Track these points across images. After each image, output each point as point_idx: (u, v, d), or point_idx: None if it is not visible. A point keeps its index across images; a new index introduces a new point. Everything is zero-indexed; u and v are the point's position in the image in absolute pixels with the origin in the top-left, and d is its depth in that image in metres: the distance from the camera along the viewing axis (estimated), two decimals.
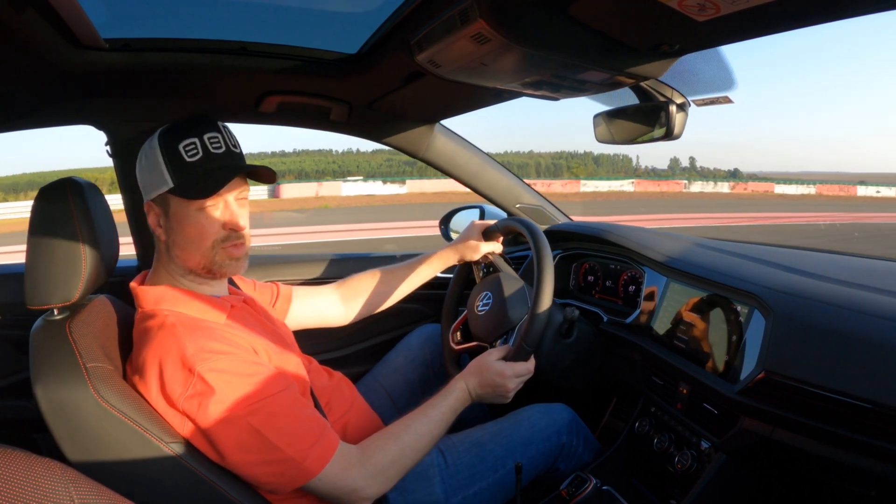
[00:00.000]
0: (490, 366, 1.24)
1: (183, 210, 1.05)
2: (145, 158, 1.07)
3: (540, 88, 1.25)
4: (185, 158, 1.03)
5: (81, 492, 0.51)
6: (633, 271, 1.64)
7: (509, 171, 2.07)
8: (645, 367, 1.43)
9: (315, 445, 1.00)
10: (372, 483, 1.05)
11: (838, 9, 0.76)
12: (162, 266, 1.12)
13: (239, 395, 0.95)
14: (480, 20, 0.90)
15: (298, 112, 1.65)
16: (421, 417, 1.15)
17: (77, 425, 0.91)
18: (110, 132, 1.53)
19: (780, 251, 1.46)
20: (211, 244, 1.07)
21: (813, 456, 1.00)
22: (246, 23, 1.29)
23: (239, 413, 0.94)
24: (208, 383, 0.94)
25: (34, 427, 0.95)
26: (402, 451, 1.09)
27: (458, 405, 1.20)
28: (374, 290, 1.56)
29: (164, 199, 1.06)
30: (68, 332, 0.97)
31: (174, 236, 1.07)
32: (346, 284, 1.56)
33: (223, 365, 0.96)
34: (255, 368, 1.00)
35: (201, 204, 1.05)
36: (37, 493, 0.47)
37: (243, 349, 1.02)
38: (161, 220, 1.08)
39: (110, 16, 1.14)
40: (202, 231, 1.06)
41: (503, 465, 1.28)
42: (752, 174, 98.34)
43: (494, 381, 1.22)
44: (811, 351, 0.99)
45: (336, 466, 1.01)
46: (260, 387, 0.98)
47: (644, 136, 1.37)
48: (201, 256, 1.07)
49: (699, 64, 1.12)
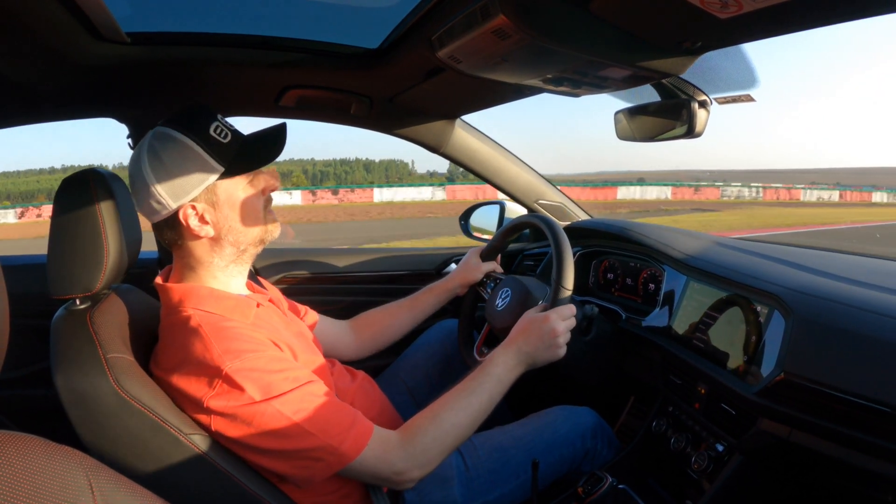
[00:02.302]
0: (531, 318, 1.20)
1: (233, 191, 1.07)
2: (171, 158, 1.01)
3: (561, 84, 1.25)
4: (222, 141, 1.04)
5: (99, 481, 0.51)
6: (652, 269, 1.63)
7: (531, 168, 2.07)
8: (663, 366, 1.42)
9: (351, 429, 0.99)
10: (414, 464, 1.03)
11: (860, 8, 0.75)
12: (192, 263, 1.10)
13: (268, 390, 0.94)
14: (502, 16, 0.90)
15: (319, 106, 1.66)
16: (462, 393, 1.11)
17: (96, 415, 0.92)
18: (132, 125, 1.55)
19: (801, 251, 1.44)
20: (262, 212, 1.11)
21: (830, 459, 0.98)
22: (267, 17, 1.30)
23: (269, 406, 0.94)
24: (236, 382, 0.93)
25: (55, 416, 0.97)
26: (443, 429, 1.06)
27: (504, 374, 1.15)
28: (383, 328, 1.56)
29: (210, 189, 1.04)
30: (89, 322, 0.98)
31: (229, 223, 1.07)
32: (359, 321, 1.57)
33: (251, 364, 0.95)
34: (282, 365, 1.00)
35: (248, 177, 1.08)
36: (55, 480, 0.47)
37: (270, 347, 1.02)
38: (209, 214, 1.05)
39: (132, 9, 1.17)
40: (254, 203, 1.09)
41: (525, 470, 1.26)
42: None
43: (541, 329, 1.18)
44: (831, 353, 0.98)
45: (375, 450, 1.00)
46: (289, 380, 0.98)
47: (665, 133, 1.36)
48: (258, 228, 1.10)
49: (721, 61, 1.10)
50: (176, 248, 1.10)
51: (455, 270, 1.63)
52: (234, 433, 0.95)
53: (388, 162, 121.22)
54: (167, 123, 1.03)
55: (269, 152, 1.08)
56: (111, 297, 1.09)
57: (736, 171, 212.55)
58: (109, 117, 1.54)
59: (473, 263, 1.62)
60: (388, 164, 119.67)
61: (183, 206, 1.04)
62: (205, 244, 1.08)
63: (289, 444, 0.95)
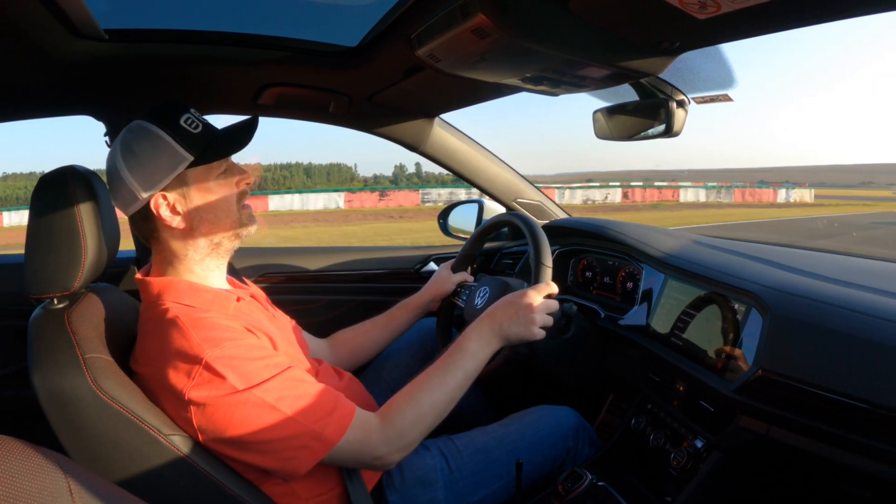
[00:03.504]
0: (509, 295, 1.22)
1: (204, 180, 1.06)
2: (143, 149, 1.02)
3: (539, 84, 1.25)
4: (192, 132, 1.04)
5: (78, 482, 0.51)
6: (631, 268, 1.64)
7: (510, 167, 2.07)
8: (642, 363, 1.43)
9: (333, 413, 0.99)
10: (394, 448, 1.04)
11: (838, 9, 0.76)
12: (169, 258, 1.10)
13: (248, 378, 0.94)
14: (481, 14, 0.90)
15: (297, 104, 1.65)
16: (438, 372, 1.12)
17: (75, 416, 0.90)
18: (110, 122, 1.53)
19: (779, 250, 1.46)
20: (235, 205, 1.10)
21: (809, 455, 1.00)
22: (246, 14, 1.29)
23: (251, 394, 0.93)
24: (216, 370, 0.92)
25: (33, 417, 0.95)
26: (421, 410, 1.07)
27: (477, 349, 1.15)
28: (358, 346, 1.55)
29: (181, 179, 1.04)
30: (67, 322, 0.97)
31: (200, 212, 1.07)
32: (335, 340, 1.56)
33: (230, 352, 0.94)
34: (261, 352, 0.99)
35: (220, 168, 1.08)
36: (34, 482, 0.47)
37: (248, 335, 1.01)
38: (180, 205, 1.05)
39: (110, 6, 1.15)
40: (226, 195, 1.09)
41: (508, 472, 1.26)
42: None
43: (516, 302, 1.18)
44: (808, 350, 0.99)
45: (356, 433, 1.00)
46: (269, 367, 0.97)
47: (643, 132, 1.37)
48: (231, 220, 1.10)
49: (699, 61, 1.12)
50: (153, 243, 1.10)
51: (426, 285, 1.63)
52: (217, 427, 0.93)
53: (331, 166, 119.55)
54: (141, 118, 1.04)
55: (238, 143, 1.08)
56: (89, 297, 1.07)
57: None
58: (86, 115, 1.52)
59: (444, 276, 1.62)
60: (331, 167, 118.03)
61: (154, 197, 1.03)
62: (179, 237, 1.08)
63: (273, 433, 0.94)
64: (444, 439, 1.29)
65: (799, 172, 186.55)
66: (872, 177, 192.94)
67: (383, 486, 1.19)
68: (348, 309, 2.01)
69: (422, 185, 43.16)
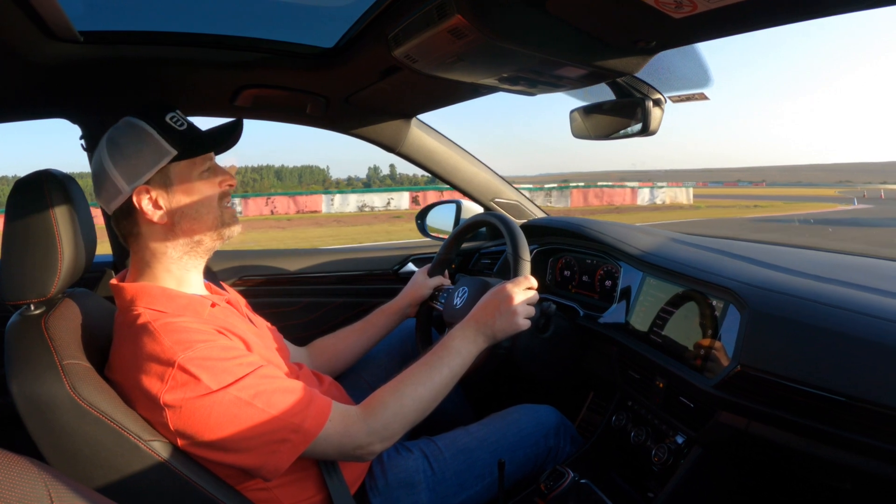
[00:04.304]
0: (487, 295, 1.23)
1: (187, 176, 1.07)
2: (128, 142, 1.03)
3: (516, 84, 1.25)
4: (176, 128, 1.05)
5: (59, 491, 0.51)
6: (609, 266, 1.65)
7: (488, 167, 2.07)
8: (621, 361, 1.44)
9: (310, 406, 0.99)
10: (376, 437, 1.04)
11: (813, 8, 0.77)
12: (147, 258, 1.09)
13: (222, 377, 0.93)
14: (458, 15, 0.90)
15: (275, 106, 1.64)
16: (422, 368, 1.13)
17: (54, 423, 0.89)
18: (85, 125, 1.51)
19: (756, 247, 1.48)
20: (217, 203, 1.11)
21: (788, 449, 1.01)
22: (223, 16, 1.28)
23: (226, 393, 0.93)
24: (190, 372, 0.91)
25: (12, 425, 0.93)
26: (403, 402, 1.08)
27: (462, 346, 1.17)
28: (337, 353, 1.55)
29: (164, 174, 1.05)
30: (44, 327, 0.95)
31: (182, 208, 1.07)
32: (314, 348, 1.55)
33: (202, 353, 0.94)
34: (233, 353, 0.99)
35: (203, 166, 1.08)
36: (13, 491, 0.46)
37: (219, 336, 1.00)
38: (162, 200, 1.05)
39: (85, 8, 1.14)
40: (208, 193, 1.09)
41: (491, 472, 1.27)
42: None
43: (497, 298, 1.21)
44: (786, 345, 1.01)
45: (337, 424, 1.01)
46: (243, 366, 0.97)
47: (620, 131, 1.38)
48: (213, 218, 1.10)
49: (675, 60, 1.12)
50: (132, 242, 1.09)
51: (403, 290, 1.62)
52: (194, 429, 0.93)
53: (303, 168, 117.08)
54: (128, 115, 1.06)
55: (223, 142, 1.10)
56: (66, 302, 1.06)
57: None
58: (62, 118, 1.50)
59: (420, 281, 1.62)
60: (303, 170, 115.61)
61: (137, 190, 1.03)
62: (159, 233, 1.07)
63: (252, 429, 0.94)
64: (425, 440, 1.29)
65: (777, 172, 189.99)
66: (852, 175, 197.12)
67: (366, 489, 1.18)
68: (327, 311, 1.99)
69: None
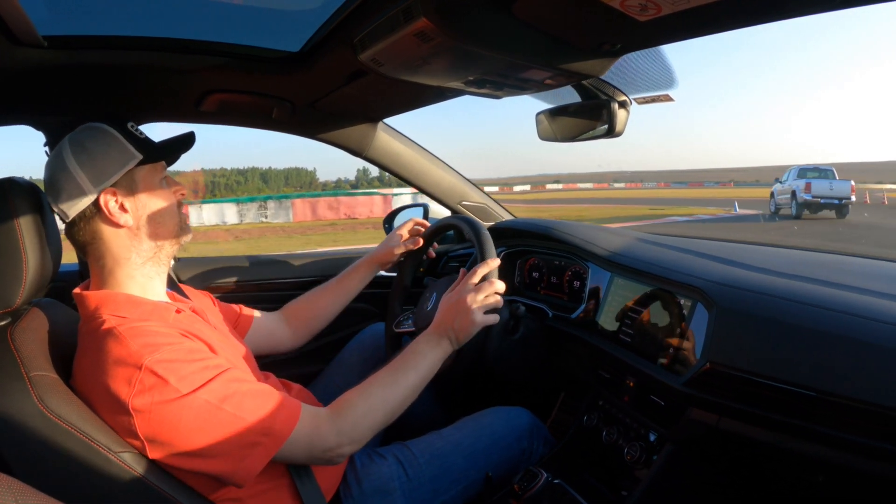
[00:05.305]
0: (443, 298, 1.24)
1: (150, 182, 1.08)
2: (94, 145, 1.03)
3: (482, 87, 1.25)
4: (138, 136, 1.07)
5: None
6: (577, 267, 1.66)
7: (454, 171, 2.07)
8: (591, 361, 1.45)
9: (280, 408, 0.98)
10: (345, 439, 1.03)
11: (778, 9, 0.79)
12: (109, 265, 1.06)
13: (191, 380, 0.92)
14: (423, 18, 0.90)
15: (240, 111, 1.62)
16: (389, 371, 1.13)
17: (22, 437, 0.86)
18: (49, 132, 1.46)
19: (722, 245, 1.51)
20: (176, 209, 1.12)
21: (760, 443, 1.03)
22: (187, 20, 1.25)
23: (195, 398, 0.91)
24: (158, 374, 0.89)
25: None
26: (371, 404, 1.07)
27: (427, 350, 1.17)
28: (314, 313, 1.56)
29: (129, 177, 1.05)
30: (10, 339, 0.93)
31: (147, 211, 1.07)
32: (289, 311, 1.55)
33: (169, 355, 0.92)
34: (200, 355, 0.97)
35: (161, 174, 1.11)
36: None
37: (185, 339, 0.99)
38: (129, 203, 1.05)
39: (49, 12, 1.11)
40: (169, 197, 1.11)
41: (466, 476, 1.27)
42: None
43: (451, 299, 1.21)
44: (754, 341, 1.02)
45: (305, 426, 1.00)
46: (209, 369, 0.95)
47: (586, 133, 1.39)
48: (174, 222, 1.11)
49: (641, 63, 1.14)
50: (92, 250, 1.06)
51: (375, 250, 1.62)
52: (164, 435, 0.90)
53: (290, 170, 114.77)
54: (86, 125, 1.07)
55: (179, 148, 1.14)
56: (32, 313, 1.03)
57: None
58: (25, 124, 1.45)
59: (394, 243, 1.60)
60: (289, 172, 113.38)
61: (104, 192, 1.02)
62: (123, 237, 1.05)
63: (222, 434, 0.92)
64: (398, 446, 1.29)
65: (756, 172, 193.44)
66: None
67: (341, 497, 1.17)
68: None
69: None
